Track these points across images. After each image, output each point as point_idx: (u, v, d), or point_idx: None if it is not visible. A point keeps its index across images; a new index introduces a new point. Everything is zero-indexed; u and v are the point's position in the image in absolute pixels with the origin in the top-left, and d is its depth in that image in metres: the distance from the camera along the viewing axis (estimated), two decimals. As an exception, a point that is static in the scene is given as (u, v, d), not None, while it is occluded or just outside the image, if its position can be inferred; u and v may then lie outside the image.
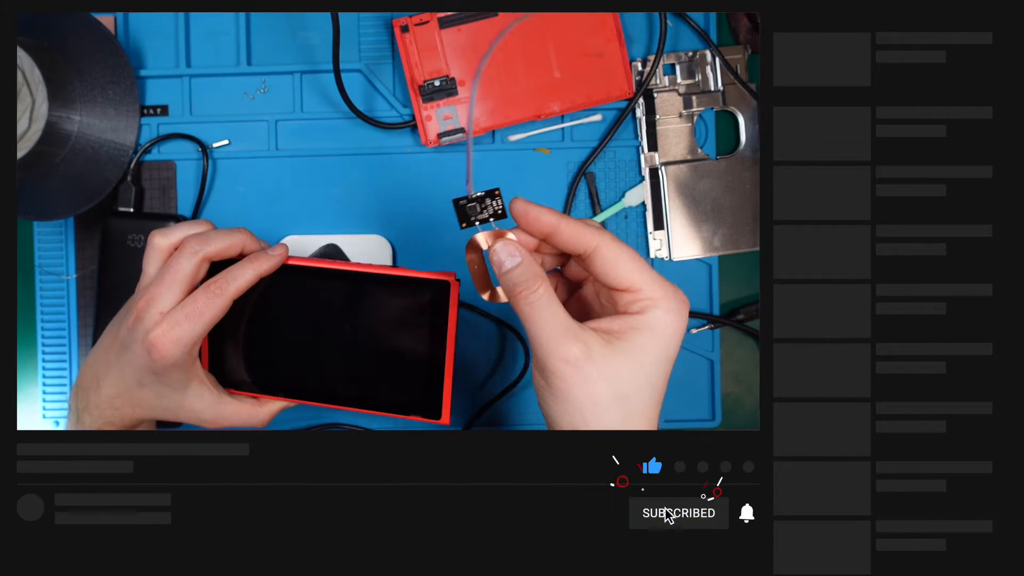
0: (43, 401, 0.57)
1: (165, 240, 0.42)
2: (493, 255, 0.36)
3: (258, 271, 0.41)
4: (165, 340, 0.39)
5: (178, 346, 0.39)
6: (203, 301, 0.39)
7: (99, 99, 0.53)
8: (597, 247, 0.35)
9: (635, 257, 0.35)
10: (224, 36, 0.57)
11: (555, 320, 0.34)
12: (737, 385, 0.58)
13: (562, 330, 0.34)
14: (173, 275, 0.40)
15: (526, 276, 0.35)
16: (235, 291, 0.40)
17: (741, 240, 0.57)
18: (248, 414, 0.44)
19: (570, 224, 0.35)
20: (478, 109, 0.55)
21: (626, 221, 0.57)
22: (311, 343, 0.43)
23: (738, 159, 0.57)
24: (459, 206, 0.36)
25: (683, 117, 0.57)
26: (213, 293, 0.39)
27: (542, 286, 0.35)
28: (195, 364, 0.42)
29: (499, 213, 0.36)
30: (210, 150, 0.56)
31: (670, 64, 0.57)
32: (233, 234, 0.42)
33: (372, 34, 0.57)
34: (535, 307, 0.35)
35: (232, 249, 0.41)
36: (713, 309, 0.57)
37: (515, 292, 0.35)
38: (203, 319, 0.39)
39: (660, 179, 0.56)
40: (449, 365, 0.40)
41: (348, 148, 0.57)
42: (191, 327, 0.39)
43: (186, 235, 0.42)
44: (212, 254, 0.41)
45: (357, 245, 0.55)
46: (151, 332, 0.39)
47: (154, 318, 0.39)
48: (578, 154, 0.57)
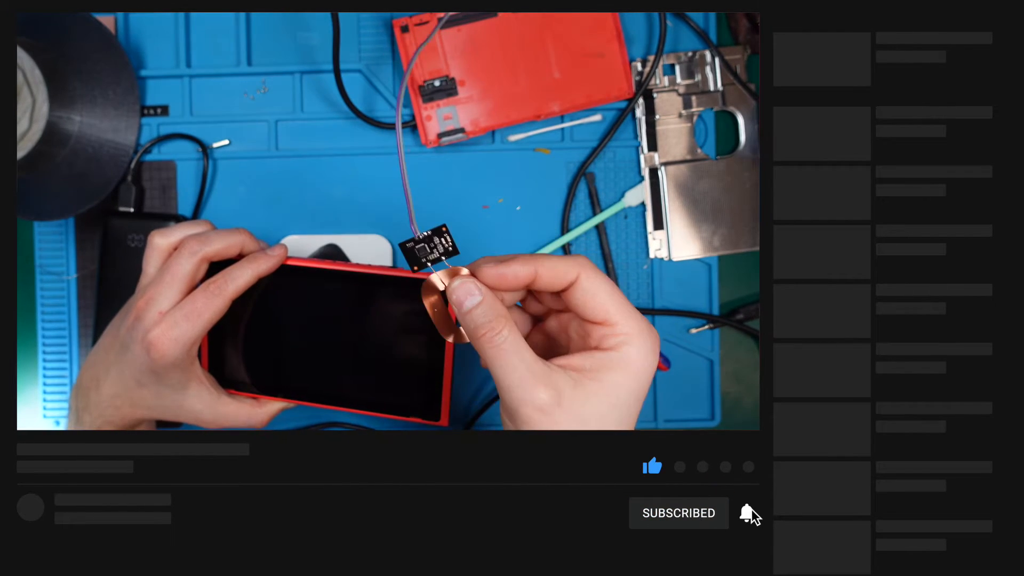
0: (43, 401, 0.57)
1: (165, 240, 0.42)
2: (451, 295, 0.35)
3: (257, 271, 0.40)
4: (164, 340, 0.39)
5: (177, 346, 0.39)
6: (202, 301, 0.39)
7: (100, 99, 0.53)
8: (577, 278, 0.34)
9: (613, 289, 0.35)
10: (224, 36, 0.56)
11: (522, 364, 0.33)
12: (737, 385, 0.57)
13: (530, 374, 0.33)
14: (172, 275, 0.40)
15: (488, 316, 0.34)
16: (234, 291, 0.40)
17: (741, 240, 0.56)
18: (247, 414, 0.44)
19: (546, 264, 0.34)
20: (478, 108, 0.54)
21: (626, 221, 0.57)
22: (310, 344, 0.43)
23: (738, 159, 0.56)
24: (406, 249, 0.35)
25: (683, 117, 0.56)
26: (212, 293, 0.39)
27: (506, 327, 0.34)
28: (194, 364, 0.42)
29: (450, 250, 0.35)
30: (210, 150, 0.56)
31: (670, 64, 0.56)
32: (232, 234, 0.41)
33: (372, 34, 0.56)
34: (500, 350, 0.33)
35: (231, 249, 0.41)
36: (713, 309, 0.57)
37: (478, 334, 0.34)
38: (202, 319, 0.39)
39: (660, 179, 0.56)
40: (448, 367, 0.40)
41: (348, 148, 0.56)
42: (190, 327, 0.39)
43: (185, 235, 0.41)
44: (211, 254, 0.41)
45: (357, 245, 0.55)
46: (150, 332, 0.39)
47: (153, 318, 0.39)
48: (578, 154, 0.56)
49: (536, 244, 0.56)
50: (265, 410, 0.45)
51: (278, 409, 0.45)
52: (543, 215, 0.56)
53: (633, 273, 0.57)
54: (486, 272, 0.35)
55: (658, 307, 0.57)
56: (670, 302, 0.57)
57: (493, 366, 0.34)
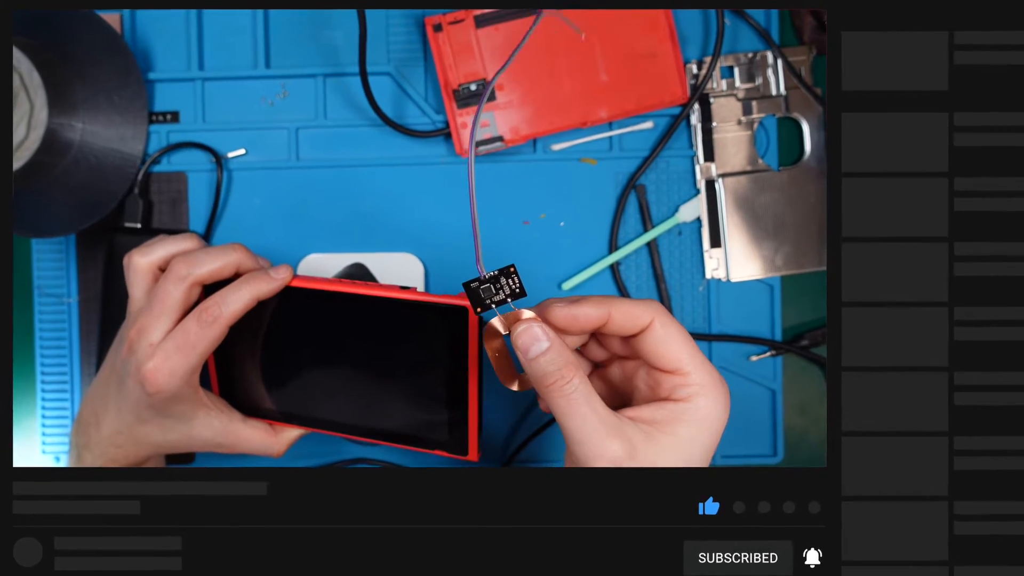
0: (42, 435, 0.56)
1: (146, 260, 0.41)
2: (516, 340, 0.34)
3: (255, 294, 0.39)
4: (158, 375, 0.38)
5: (172, 379, 0.39)
6: (195, 332, 0.38)
7: (104, 105, 0.52)
8: (651, 323, 0.34)
9: (686, 337, 0.35)
10: (240, 36, 0.55)
11: (594, 415, 0.33)
12: (801, 417, 0.56)
13: (602, 426, 0.33)
14: (161, 304, 0.39)
15: (557, 363, 0.33)
16: (230, 317, 0.39)
17: (805, 259, 0.55)
18: (263, 441, 0.44)
19: (619, 307, 0.34)
20: (518, 115, 0.53)
21: (679, 238, 0.55)
22: (325, 370, 0.42)
23: (802, 170, 0.55)
24: (470, 289, 0.34)
25: (742, 124, 0.55)
26: (204, 322, 0.38)
27: (576, 375, 0.33)
28: (197, 392, 0.41)
29: (517, 292, 0.34)
30: (225, 160, 0.55)
31: (728, 66, 0.55)
32: (226, 252, 0.40)
33: (402, 33, 0.55)
34: (570, 400, 0.33)
35: (225, 270, 0.40)
36: (775, 334, 0.55)
37: (546, 383, 0.33)
38: (196, 350, 0.39)
39: (717, 192, 0.55)
40: (473, 396, 0.39)
41: (376, 158, 0.55)
42: (184, 360, 0.39)
43: (170, 253, 0.41)
44: (203, 278, 0.40)
45: (386, 264, 0.54)
46: (143, 366, 0.39)
47: (145, 351, 0.39)
48: (627, 164, 0.55)
49: (581, 263, 0.55)
50: (282, 437, 0.44)
51: (296, 437, 0.45)
52: (589, 231, 0.55)
53: (688, 295, 0.55)
54: (556, 314, 0.34)
55: (715, 332, 0.55)
56: (728, 327, 0.55)
57: (562, 417, 0.33)
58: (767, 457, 0.55)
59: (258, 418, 0.44)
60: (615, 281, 0.55)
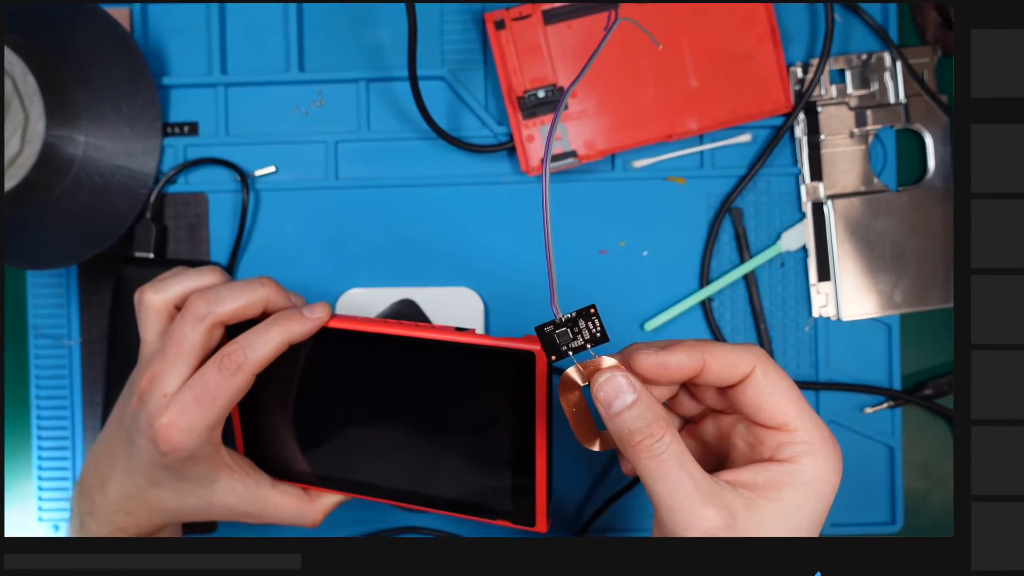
0: (39, 500, 0.54)
1: (159, 296, 0.40)
2: (597, 392, 0.33)
3: (286, 337, 0.38)
4: (173, 430, 0.37)
5: (190, 436, 0.38)
6: (215, 381, 0.37)
7: (110, 114, 0.51)
8: (751, 373, 0.34)
9: (792, 387, 0.34)
10: (270, 34, 0.53)
11: (688, 479, 0.32)
12: (924, 479, 0.54)
13: (697, 491, 0.32)
14: (177, 348, 0.38)
15: (645, 419, 0.32)
16: (257, 364, 0.38)
17: (929, 294, 0.52)
18: (295, 509, 0.43)
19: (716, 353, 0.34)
20: (593, 126, 0.50)
21: (782, 270, 0.53)
22: (368, 426, 0.41)
23: (925, 191, 0.53)
24: (544, 333, 0.34)
25: (855, 137, 0.53)
26: (227, 370, 0.37)
27: (667, 432, 0.32)
28: (219, 451, 0.40)
29: (598, 337, 0.34)
30: (251, 179, 0.53)
31: (838, 70, 0.52)
32: (252, 288, 0.39)
33: (458, 31, 0.53)
34: (661, 461, 0.32)
35: (252, 308, 0.39)
36: (893, 382, 0.53)
37: (633, 442, 0.32)
38: (216, 403, 0.37)
39: (826, 216, 0.52)
40: (542, 457, 0.38)
41: (427, 176, 0.53)
42: (203, 413, 0.37)
43: (187, 289, 0.40)
44: (225, 317, 0.38)
45: (439, 300, 0.52)
46: (156, 420, 0.38)
47: (158, 402, 0.38)
48: (721, 184, 0.53)
49: (667, 299, 0.52)
50: (318, 505, 0.43)
51: (334, 504, 0.44)
52: (676, 262, 0.53)
53: (791, 336, 0.53)
54: (642, 362, 0.33)
55: (823, 380, 0.52)
56: (839, 373, 0.53)
57: (651, 480, 0.32)
58: (884, 526, 0.53)
59: (290, 481, 0.43)
60: (707, 320, 0.52)
